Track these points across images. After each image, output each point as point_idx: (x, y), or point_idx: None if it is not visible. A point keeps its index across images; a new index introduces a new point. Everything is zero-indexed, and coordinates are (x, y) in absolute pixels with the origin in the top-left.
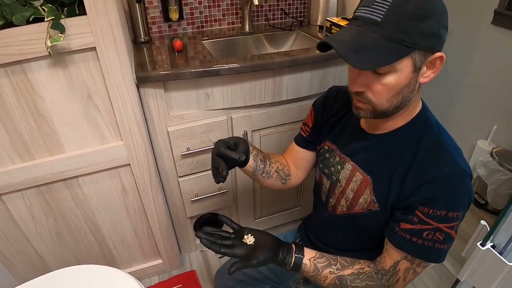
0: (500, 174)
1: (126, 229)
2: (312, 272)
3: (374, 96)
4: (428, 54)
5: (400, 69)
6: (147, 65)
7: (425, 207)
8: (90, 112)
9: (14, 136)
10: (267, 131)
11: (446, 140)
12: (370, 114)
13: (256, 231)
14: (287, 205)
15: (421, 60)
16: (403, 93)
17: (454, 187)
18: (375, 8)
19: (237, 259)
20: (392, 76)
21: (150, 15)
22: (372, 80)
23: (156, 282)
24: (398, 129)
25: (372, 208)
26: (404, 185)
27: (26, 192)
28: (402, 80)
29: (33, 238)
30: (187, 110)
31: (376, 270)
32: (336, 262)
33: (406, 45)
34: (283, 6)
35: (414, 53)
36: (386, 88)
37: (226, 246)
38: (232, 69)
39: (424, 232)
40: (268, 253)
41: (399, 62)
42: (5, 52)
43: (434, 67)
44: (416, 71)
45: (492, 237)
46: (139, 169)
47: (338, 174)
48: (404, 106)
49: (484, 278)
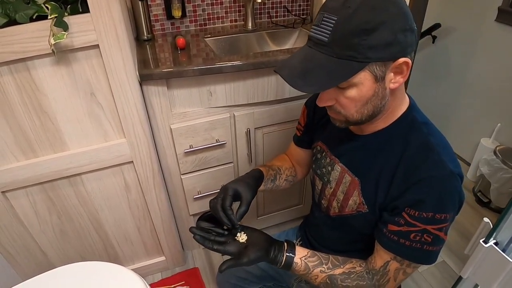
0: (503, 172)
1: (129, 226)
2: (303, 271)
3: (343, 109)
4: (389, 63)
5: (359, 82)
6: (150, 62)
7: (412, 209)
8: (93, 109)
9: (18, 133)
10: (270, 129)
11: (434, 140)
12: (344, 124)
13: (249, 229)
14: (289, 203)
15: (382, 70)
16: (372, 103)
17: (441, 189)
18: (323, 28)
19: (229, 256)
20: (353, 90)
21: (153, 13)
22: (336, 94)
23: (159, 279)
24: (384, 129)
25: (361, 209)
26: (391, 186)
27: (30, 189)
28: (365, 92)
29: (37, 235)
30: (190, 107)
31: (368, 270)
32: (328, 261)
33: (357, 60)
34: (286, 3)
35: (370, 65)
36: (351, 101)
37: (219, 243)
38: (234, 67)
39: (411, 234)
40: (259, 251)
41: (355, 77)
42: (8, 50)
43: (402, 72)
44: (378, 80)
45: (495, 234)
46: (142, 166)
47: (329, 175)
48: (379, 113)
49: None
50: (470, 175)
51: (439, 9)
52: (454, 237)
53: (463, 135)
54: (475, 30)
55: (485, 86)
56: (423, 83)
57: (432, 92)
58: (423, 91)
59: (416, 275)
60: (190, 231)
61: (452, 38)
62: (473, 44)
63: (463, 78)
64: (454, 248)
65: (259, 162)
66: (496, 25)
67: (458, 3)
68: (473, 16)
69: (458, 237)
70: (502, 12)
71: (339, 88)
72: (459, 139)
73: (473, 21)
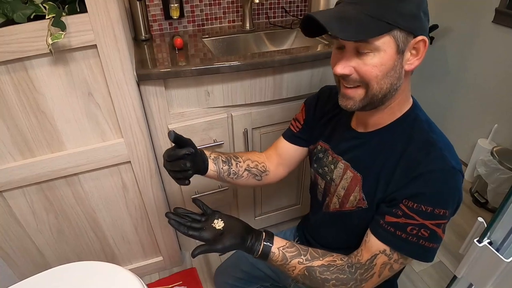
0: (500, 173)
1: (127, 226)
2: (280, 261)
3: (363, 77)
4: (410, 37)
5: (383, 48)
6: (148, 62)
7: (410, 200)
8: (90, 109)
9: (15, 133)
10: (268, 129)
11: (436, 137)
12: (359, 103)
13: (227, 217)
14: (287, 202)
15: (404, 42)
16: (390, 77)
17: (441, 183)
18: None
19: (204, 242)
20: (376, 56)
21: (151, 13)
22: (356, 62)
23: (156, 279)
24: (387, 126)
25: (361, 205)
26: (391, 181)
27: (27, 189)
28: (386, 61)
29: (34, 234)
30: (187, 107)
31: (350, 263)
32: (306, 253)
33: (386, 21)
34: (284, 4)
35: (395, 31)
36: (371, 68)
37: (194, 229)
38: (232, 67)
39: (408, 226)
40: (235, 238)
41: (381, 39)
42: (6, 49)
43: (418, 53)
44: (399, 52)
45: (489, 233)
46: (140, 166)
47: (332, 174)
48: (392, 95)
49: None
50: (467, 175)
51: (437, 10)
52: (451, 238)
53: (460, 136)
54: (473, 31)
55: (482, 87)
56: (420, 84)
57: (430, 93)
58: (421, 92)
59: (413, 275)
60: (166, 215)
61: (449, 39)
62: (470, 45)
63: (461, 79)
64: (451, 248)
65: None
66: (493, 26)
67: (456, 4)
68: (470, 17)
69: (455, 238)
70: (499, 14)
71: (360, 54)
72: (456, 140)
73: (471, 22)
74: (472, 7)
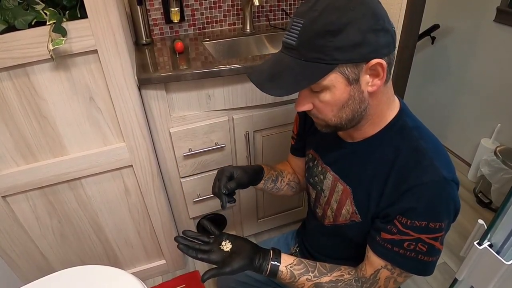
0: (504, 173)
1: (129, 230)
2: (289, 279)
3: (320, 113)
4: (361, 64)
5: (332, 85)
6: (149, 66)
7: (403, 217)
8: (92, 113)
9: (18, 138)
10: (269, 132)
11: (426, 144)
12: (326, 129)
13: (234, 238)
14: (289, 205)
15: (354, 72)
16: (349, 107)
17: (433, 196)
18: (292, 32)
19: (213, 264)
20: (327, 94)
21: (151, 17)
22: (312, 98)
23: (159, 283)
24: (374, 135)
25: (355, 219)
26: (383, 196)
27: (30, 193)
28: (339, 95)
29: (37, 238)
30: (188, 111)
31: (357, 277)
32: (314, 269)
33: (324, 62)
34: (284, 6)
35: (340, 67)
36: (326, 105)
37: (203, 252)
38: (233, 70)
39: (404, 242)
40: (243, 260)
41: (327, 78)
42: (8, 55)
43: (378, 74)
44: (352, 83)
45: (489, 236)
46: (142, 170)
47: (322, 184)
48: (361, 118)
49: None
50: (471, 175)
51: (438, 10)
52: (455, 239)
53: (463, 136)
54: (474, 30)
55: (485, 87)
56: (422, 84)
57: (432, 93)
58: (423, 92)
59: (417, 276)
60: (175, 240)
61: (451, 38)
62: (472, 45)
63: (463, 78)
64: (455, 249)
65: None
66: (494, 25)
67: (457, 3)
68: (471, 17)
69: (459, 239)
70: (501, 12)
71: (314, 92)
72: (459, 140)
73: (472, 21)
74: (473, 6)
